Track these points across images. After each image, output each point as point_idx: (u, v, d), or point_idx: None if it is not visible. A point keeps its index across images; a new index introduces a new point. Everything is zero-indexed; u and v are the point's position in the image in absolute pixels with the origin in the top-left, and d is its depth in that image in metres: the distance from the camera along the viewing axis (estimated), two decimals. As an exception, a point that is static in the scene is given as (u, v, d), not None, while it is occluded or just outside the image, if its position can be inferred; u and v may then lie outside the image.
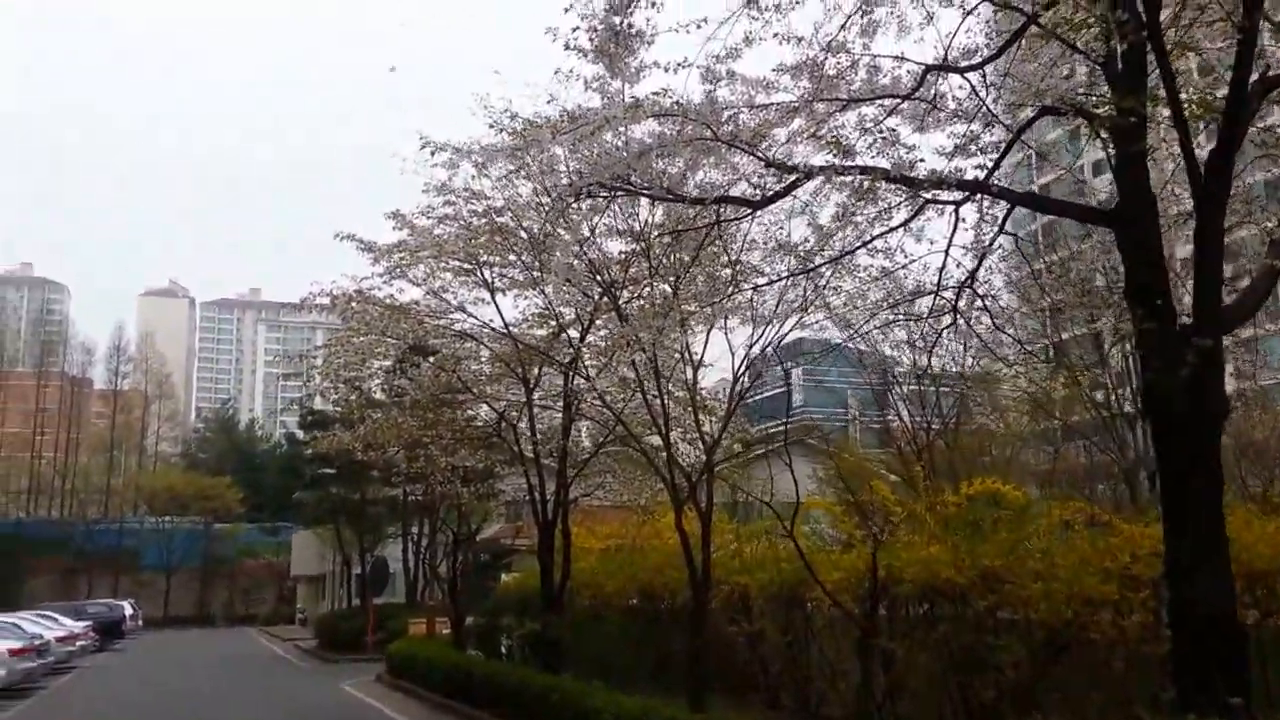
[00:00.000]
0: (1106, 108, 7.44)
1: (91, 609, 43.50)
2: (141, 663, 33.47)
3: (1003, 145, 8.37)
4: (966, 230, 8.68)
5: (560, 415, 18.54)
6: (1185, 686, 6.67)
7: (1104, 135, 7.72)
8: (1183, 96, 7.08)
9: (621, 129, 9.40)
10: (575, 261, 13.94)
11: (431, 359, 19.04)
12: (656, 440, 14.97)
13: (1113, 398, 23.93)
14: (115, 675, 28.75)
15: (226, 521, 71.84)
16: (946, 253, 8.72)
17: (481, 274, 17.02)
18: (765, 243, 12.74)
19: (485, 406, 19.92)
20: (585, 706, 11.79)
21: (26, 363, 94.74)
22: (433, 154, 13.23)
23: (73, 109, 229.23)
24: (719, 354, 14.52)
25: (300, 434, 42.11)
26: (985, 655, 9.40)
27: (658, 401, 13.93)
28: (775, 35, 8.26)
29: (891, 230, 9.23)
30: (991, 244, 8.63)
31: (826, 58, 8.36)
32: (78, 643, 31.43)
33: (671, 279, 13.55)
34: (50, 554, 65.06)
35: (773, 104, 8.70)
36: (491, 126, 13.10)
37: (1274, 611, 7.67)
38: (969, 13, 7.99)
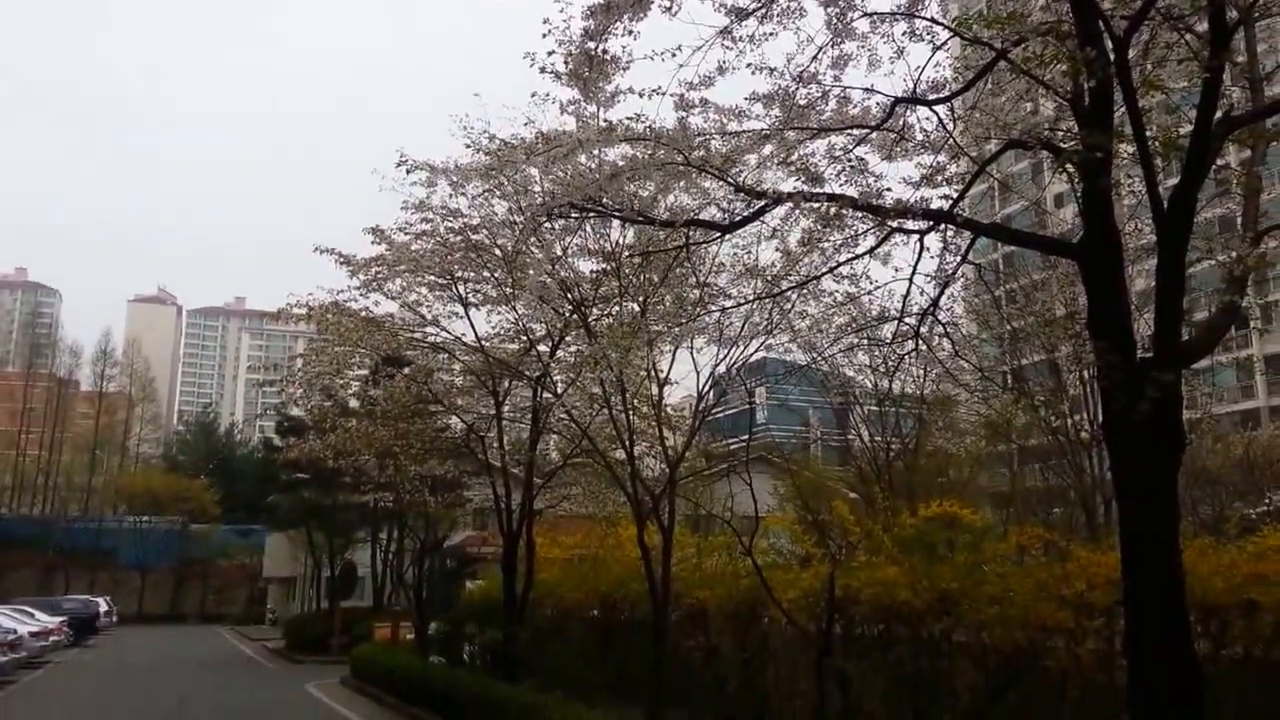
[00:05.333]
0: (1073, 143, 7.19)
1: (67, 605, 42.36)
2: (113, 659, 32.58)
3: (968, 176, 8.11)
4: (931, 258, 8.41)
5: (528, 428, 18.17)
6: (1139, 717, 6.38)
7: (1070, 169, 7.48)
8: (1148, 133, 6.84)
9: (595, 152, 9.13)
10: (547, 279, 13.61)
11: (405, 370, 18.61)
12: (621, 454, 14.60)
13: (1070, 423, 23.77)
14: (87, 671, 27.96)
15: (202, 523, 70.64)
16: (911, 280, 8.41)
17: (456, 289, 16.63)
18: (733, 266, 12.48)
19: (455, 418, 19.48)
20: (543, 718, 11.37)
21: (16, 363, 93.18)
22: (408, 172, 12.96)
23: (69, 116, 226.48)
24: (685, 372, 14.28)
25: (276, 440, 41.25)
26: (940, 679, 9.09)
27: (623, 416, 13.58)
28: (748, 65, 7.99)
29: (857, 257, 8.92)
30: (954, 273, 8.34)
31: (798, 88, 8.07)
32: (51, 638, 30.52)
33: (640, 299, 13.23)
34: (29, 550, 63.63)
35: (744, 131, 8.42)
36: (469, 146, 12.74)
37: (1227, 644, 7.41)
38: (938, 48, 7.73)
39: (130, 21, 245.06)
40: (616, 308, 14.08)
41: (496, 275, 15.80)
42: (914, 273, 8.39)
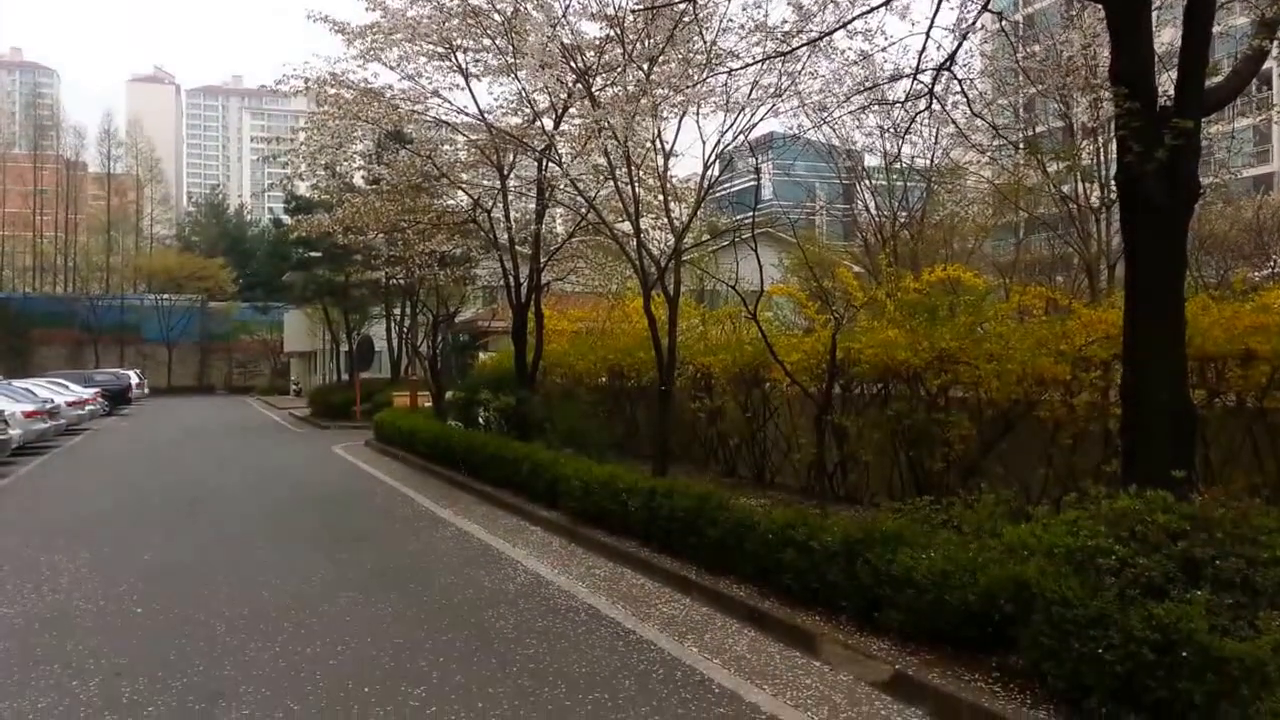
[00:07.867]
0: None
1: (99, 377, 43.48)
2: (149, 425, 33.74)
3: (995, -84, 7.48)
4: (951, 9, 7.92)
5: (534, 202, 17.86)
6: (1131, 460, 6.49)
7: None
8: None
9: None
10: (550, 43, 12.91)
11: (408, 146, 18.11)
12: (627, 227, 14.38)
13: (1080, 189, 23.18)
14: (125, 435, 28.99)
15: (221, 300, 71.50)
16: (928, 34, 7.88)
17: (456, 59, 15.87)
18: (742, 26, 11.78)
19: (461, 194, 19.11)
20: (556, 472, 11.76)
21: (22, 145, 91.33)
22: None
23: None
24: (691, 142, 13.81)
25: (285, 218, 40.90)
26: (935, 430, 9.27)
27: (629, 188, 13.26)
28: None
29: (872, 10, 8.39)
30: (975, 21, 7.84)
31: None
32: (87, 407, 31.46)
33: (645, 65, 12.60)
34: (57, 326, 64.82)
35: None
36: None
37: (1221, 392, 7.48)
38: None
39: None
40: (621, 75, 13.45)
41: (497, 44, 15.04)
42: (931, 25, 7.87)
